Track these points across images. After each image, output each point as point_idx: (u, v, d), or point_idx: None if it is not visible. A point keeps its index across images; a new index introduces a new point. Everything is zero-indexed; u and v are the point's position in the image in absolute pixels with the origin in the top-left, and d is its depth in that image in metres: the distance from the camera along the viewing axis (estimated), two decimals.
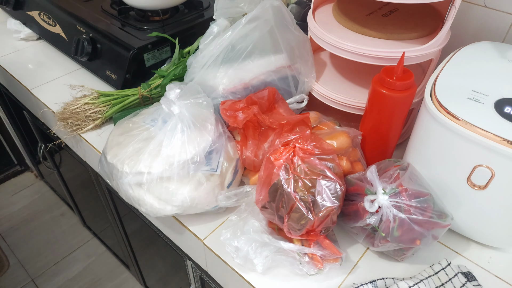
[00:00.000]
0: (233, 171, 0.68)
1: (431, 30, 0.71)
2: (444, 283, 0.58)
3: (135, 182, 0.63)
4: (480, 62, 0.63)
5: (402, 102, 0.62)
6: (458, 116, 0.54)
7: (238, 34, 0.72)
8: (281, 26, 0.74)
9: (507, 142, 0.50)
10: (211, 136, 0.65)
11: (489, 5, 0.75)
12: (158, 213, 0.65)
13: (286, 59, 0.75)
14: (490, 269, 0.62)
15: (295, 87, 0.78)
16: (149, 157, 0.63)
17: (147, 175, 0.62)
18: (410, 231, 0.55)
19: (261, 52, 0.73)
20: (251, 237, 0.61)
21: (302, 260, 0.60)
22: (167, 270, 1.19)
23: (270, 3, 0.72)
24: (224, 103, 0.68)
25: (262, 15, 0.72)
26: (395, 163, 0.62)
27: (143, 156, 0.63)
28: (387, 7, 0.77)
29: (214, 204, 0.67)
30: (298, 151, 0.59)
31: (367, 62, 0.68)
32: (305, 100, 0.79)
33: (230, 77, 0.73)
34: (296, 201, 0.56)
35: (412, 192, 0.57)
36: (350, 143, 0.66)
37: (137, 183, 0.63)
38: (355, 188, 0.60)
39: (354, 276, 0.61)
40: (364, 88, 0.78)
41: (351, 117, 0.78)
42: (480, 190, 0.56)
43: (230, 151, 0.68)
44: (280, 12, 0.73)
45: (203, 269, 0.77)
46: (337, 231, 0.66)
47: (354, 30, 0.72)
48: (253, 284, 0.61)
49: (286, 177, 0.57)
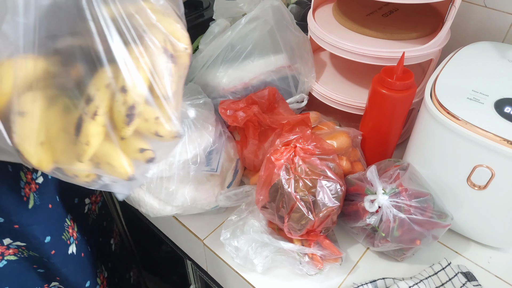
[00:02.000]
0: (233, 171, 0.68)
1: (431, 30, 0.71)
2: (444, 283, 0.58)
3: None
4: (480, 62, 0.63)
5: (402, 102, 0.62)
6: (458, 116, 0.54)
7: (238, 34, 0.72)
8: (281, 26, 0.74)
9: (507, 142, 0.50)
10: (212, 136, 0.65)
11: (489, 5, 0.75)
12: (158, 213, 0.65)
13: (286, 59, 0.75)
14: (490, 269, 0.62)
15: (295, 87, 0.78)
16: None
17: None
18: (410, 231, 0.55)
19: (261, 52, 0.73)
20: (251, 237, 0.61)
21: (302, 260, 0.60)
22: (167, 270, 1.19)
23: (270, 3, 0.72)
24: (223, 103, 0.68)
25: (262, 15, 0.72)
26: (395, 163, 0.62)
27: None
28: (387, 7, 0.77)
29: (214, 204, 0.67)
30: (299, 151, 0.59)
31: (367, 62, 0.68)
32: (305, 100, 0.79)
33: (230, 77, 0.73)
34: (296, 201, 0.56)
35: (412, 192, 0.57)
36: (350, 143, 0.66)
37: None
38: (355, 188, 0.60)
39: (354, 276, 0.61)
40: (364, 88, 0.78)
41: (351, 117, 0.78)
42: (480, 190, 0.56)
43: (230, 151, 0.68)
44: (280, 12, 0.73)
45: (203, 269, 0.77)
46: (337, 231, 0.66)
47: (354, 30, 0.72)
48: (253, 284, 0.61)
49: (286, 177, 0.57)
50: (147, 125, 0.44)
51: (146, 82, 0.42)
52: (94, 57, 0.40)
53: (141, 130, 0.45)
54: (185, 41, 0.46)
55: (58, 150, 0.44)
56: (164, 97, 0.44)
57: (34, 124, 0.42)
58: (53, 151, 0.44)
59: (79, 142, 0.42)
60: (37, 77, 0.41)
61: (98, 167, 0.45)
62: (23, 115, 0.41)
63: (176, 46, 0.45)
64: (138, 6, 0.42)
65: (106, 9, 0.40)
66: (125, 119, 0.42)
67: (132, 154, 0.45)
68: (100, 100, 0.41)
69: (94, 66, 0.40)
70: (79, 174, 0.45)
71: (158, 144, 0.46)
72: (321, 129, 0.71)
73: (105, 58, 0.40)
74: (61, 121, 0.43)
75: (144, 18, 0.42)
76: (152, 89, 0.43)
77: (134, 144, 0.45)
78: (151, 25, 0.43)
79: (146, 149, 0.46)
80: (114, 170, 0.45)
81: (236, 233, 0.62)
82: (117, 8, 0.40)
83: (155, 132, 0.45)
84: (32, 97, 0.41)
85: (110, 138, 0.43)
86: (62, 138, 0.43)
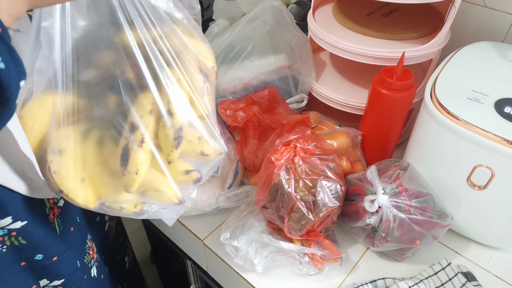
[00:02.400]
0: (233, 172, 0.68)
1: (431, 30, 0.71)
2: (444, 283, 0.58)
3: None
4: (480, 62, 0.63)
5: (402, 102, 0.62)
6: (458, 116, 0.54)
7: (237, 34, 0.72)
8: (280, 26, 0.74)
9: (507, 142, 0.50)
10: None
11: (489, 5, 0.75)
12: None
13: (285, 59, 0.75)
14: (490, 269, 0.62)
15: (295, 87, 0.78)
16: None
17: None
18: (410, 231, 0.55)
19: (260, 52, 0.73)
20: (251, 237, 0.61)
21: (302, 260, 0.60)
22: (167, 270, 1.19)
23: (269, 3, 0.72)
24: (223, 103, 0.68)
25: (262, 15, 0.72)
26: (395, 163, 0.62)
27: None
28: (387, 7, 0.77)
29: (215, 206, 0.67)
30: (299, 151, 0.59)
31: (367, 62, 0.68)
32: (305, 100, 0.79)
33: (230, 77, 0.73)
34: (296, 201, 0.56)
35: (412, 192, 0.57)
36: (350, 143, 0.66)
37: None
38: (355, 188, 0.60)
39: (354, 276, 0.61)
40: (364, 88, 0.78)
41: (351, 117, 0.78)
42: (480, 190, 0.56)
43: (230, 152, 0.68)
44: (280, 12, 0.74)
45: (203, 269, 0.77)
46: (337, 231, 0.66)
47: (354, 30, 0.72)
48: (253, 284, 0.61)
49: (286, 177, 0.57)
50: (192, 146, 0.44)
51: (190, 103, 0.42)
52: (136, 83, 0.40)
53: (185, 152, 0.44)
54: (212, 59, 0.46)
55: (100, 184, 0.43)
56: (206, 116, 0.44)
57: (73, 161, 0.41)
58: (95, 186, 0.43)
59: (127, 172, 0.41)
60: (72, 112, 0.40)
61: (145, 195, 0.44)
62: (61, 153, 0.40)
63: (206, 65, 0.45)
64: (171, 28, 0.42)
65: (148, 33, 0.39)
66: (174, 142, 0.42)
67: (178, 177, 0.45)
68: (146, 127, 0.41)
69: (134, 92, 0.40)
70: (126, 206, 0.45)
71: (201, 163, 0.46)
72: (321, 129, 0.71)
73: (147, 82, 0.40)
74: (97, 155, 0.42)
75: (178, 39, 0.42)
76: (196, 109, 0.43)
77: (179, 167, 0.45)
78: (185, 47, 0.43)
79: (191, 170, 0.45)
80: (163, 196, 0.45)
81: (236, 233, 0.62)
82: (158, 31, 0.40)
83: (201, 152, 0.45)
84: (66, 133, 0.40)
85: (156, 165, 0.43)
86: (102, 172, 0.42)
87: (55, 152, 0.40)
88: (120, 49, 0.39)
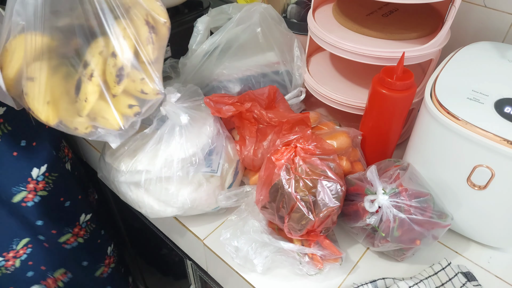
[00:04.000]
0: (233, 172, 0.68)
1: (431, 30, 0.71)
2: (444, 283, 0.58)
3: (132, 182, 0.63)
4: (480, 62, 0.63)
5: (402, 102, 0.62)
6: (458, 116, 0.54)
7: (229, 34, 0.74)
8: (270, 25, 0.76)
9: (507, 142, 0.50)
10: (210, 137, 0.65)
11: (489, 5, 0.75)
12: (158, 214, 0.65)
13: (277, 56, 0.77)
14: (490, 269, 0.62)
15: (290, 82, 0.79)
16: (147, 157, 0.62)
17: (146, 174, 0.62)
18: (410, 231, 0.55)
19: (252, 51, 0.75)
20: (251, 237, 0.61)
21: (302, 260, 0.60)
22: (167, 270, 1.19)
23: (258, 5, 0.74)
24: (213, 96, 0.67)
25: (251, 16, 0.75)
26: (395, 163, 0.62)
27: (140, 155, 0.63)
28: (387, 7, 0.77)
29: (215, 206, 0.67)
30: (299, 151, 0.59)
31: (367, 62, 0.68)
32: (303, 93, 0.79)
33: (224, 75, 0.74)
34: (297, 201, 0.56)
35: (412, 192, 0.57)
36: (350, 143, 0.66)
37: (135, 183, 0.63)
38: (355, 188, 0.60)
39: (354, 276, 0.61)
40: (364, 88, 0.78)
41: (351, 117, 0.78)
42: (480, 190, 0.56)
43: (230, 152, 0.68)
44: (268, 12, 0.77)
45: (203, 269, 0.77)
46: (337, 231, 0.66)
47: (354, 30, 0.72)
48: (253, 284, 0.61)
49: (287, 177, 0.57)
50: (134, 85, 0.53)
51: (132, 49, 0.52)
52: (89, 31, 0.51)
53: (129, 89, 0.54)
54: (164, 15, 0.55)
55: (61, 108, 0.54)
56: (148, 61, 0.53)
57: (41, 87, 0.53)
58: (57, 109, 0.54)
59: (79, 99, 0.53)
60: (42, 50, 0.51)
61: (94, 120, 0.54)
62: (32, 80, 0.52)
63: (157, 20, 0.54)
64: None
65: None
66: (116, 78, 0.52)
67: (122, 110, 0.55)
68: (95, 64, 0.52)
69: (89, 38, 0.52)
70: (79, 126, 0.55)
71: (142, 101, 0.55)
72: (321, 129, 0.71)
73: (98, 31, 0.51)
74: (63, 86, 0.53)
75: None
76: (137, 55, 0.53)
77: (124, 101, 0.54)
78: (135, 3, 0.53)
79: (134, 105, 0.55)
80: (108, 123, 0.54)
81: (236, 233, 0.62)
82: None
83: (141, 90, 0.54)
84: (39, 66, 0.52)
85: (104, 97, 0.53)
86: (64, 99, 0.54)
87: (28, 79, 0.52)
88: (78, 4, 0.50)
